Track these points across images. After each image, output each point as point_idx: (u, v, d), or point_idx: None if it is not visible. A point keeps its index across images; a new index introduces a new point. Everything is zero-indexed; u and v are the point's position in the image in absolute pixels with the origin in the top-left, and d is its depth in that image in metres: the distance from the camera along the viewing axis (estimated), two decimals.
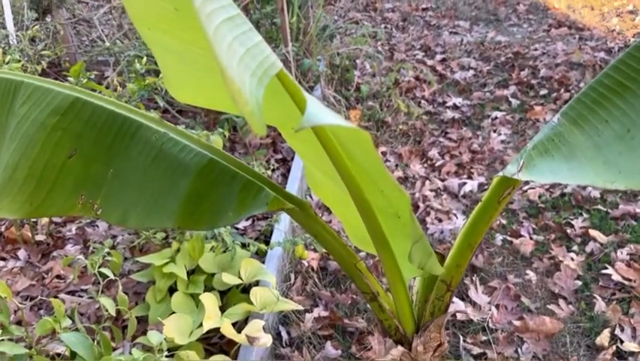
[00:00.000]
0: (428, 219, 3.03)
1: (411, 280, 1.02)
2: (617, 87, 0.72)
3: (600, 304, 2.38)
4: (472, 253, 0.92)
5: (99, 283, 1.90)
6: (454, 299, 2.43)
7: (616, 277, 2.51)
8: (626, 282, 2.48)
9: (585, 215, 2.96)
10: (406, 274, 0.94)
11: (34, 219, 3.01)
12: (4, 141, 0.95)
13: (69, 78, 2.41)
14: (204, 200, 0.91)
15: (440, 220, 3.03)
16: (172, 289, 2.33)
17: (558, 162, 0.73)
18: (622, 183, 0.65)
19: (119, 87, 2.66)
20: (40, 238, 2.95)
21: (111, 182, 0.95)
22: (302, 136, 0.82)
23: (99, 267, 1.90)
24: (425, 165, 3.56)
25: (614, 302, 2.39)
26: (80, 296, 2.60)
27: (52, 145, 0.95)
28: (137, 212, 0.92)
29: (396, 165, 3.55)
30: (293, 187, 2.92)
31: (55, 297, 2.57)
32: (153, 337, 1.60)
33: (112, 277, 1.82)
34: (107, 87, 3.26)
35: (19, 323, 2.15)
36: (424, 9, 6.60)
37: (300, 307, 2.21)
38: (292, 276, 2.59)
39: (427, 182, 3.35)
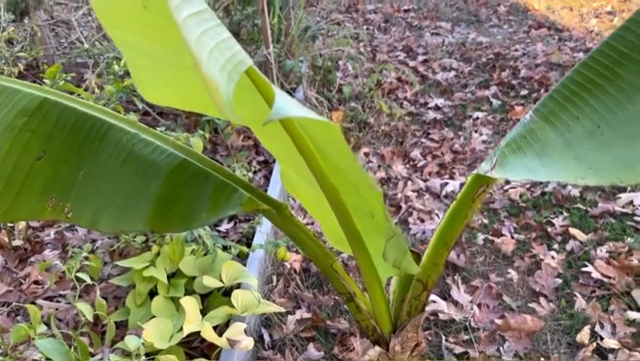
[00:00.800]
0: (410, 220, 3.04)
1: (387, 281, 1.02)
2: (588, 84, 0.72)
3: (580, 302, 2.40)
4: (448, 251, 0.91)
5: (78, 286, 1.87)
6: (436, 299, 2.44)
7: (595, 274, 2.54)
8: (605, 279, 2.51)
9: (565, 214, 2.99)
10: (382, 274, 0.93)
11: (11, 224, 2.96)
12: None
13: (46, 80, 2.37)
14: (176, 202, 0.89)
15: (422, 220, 3.04)
16: (152, 293, 2.30)
17: (530, 158, 0.73)
18: (592, 178, 0.65)
19: (97, 89, 2.62)
20: (17, 242, 2.89)
21: (81, 184, 0.93)
22: (274, 135, 0.81)
23: (77, 271, 1.87)
24: (407, 165, 3.57)
25: (594, 300, 2.41)
26: (57, 302, 2.56)
27: (20, 147, 0.93)
28: (107, 215, 0.91)
29: (379, 166, 3.55)
30: (275, 189, 2.90)
31: (33, 303, 2.53)
32: (131, 341, 1.57)
33: (89, 282, 1.79)
34: (85, 89, 3.22)
35: None
36: (405, 10, 6.64)
37: (282, 310, 2.19)
38: (274, 278, 2.57)
39: (410, 182, 3.36)
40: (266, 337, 2.31)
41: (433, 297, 2.43)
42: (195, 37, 0.53)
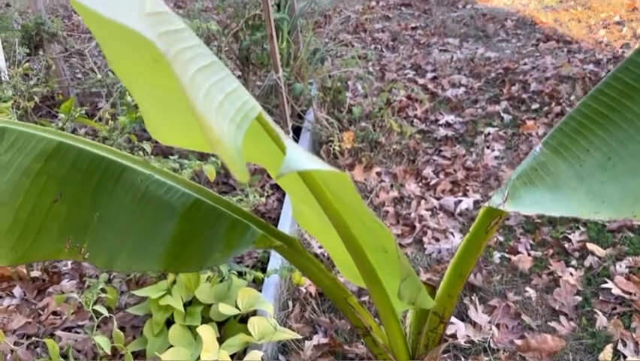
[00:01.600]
0: (425, 239, 3.02)
1: (404, 313, 1.01)
2: (597, 116, 0.72)
3: (601, 320, 2.36)
4: (463, 282, 0.91)
5: (96, 317, 1.88)
6: (454, 320, 2.41)
7: (616, 290, 2.49)
8: (626, 295, 2.46)
9: (582, 228, 2.95)
10: (398, 308, 0.93)
11: None
12: None
13: (61, 114, 2.41)
14: (191, 242, 0.90)
15: (437, 240, 3.02)
16: (169, 322, 2.31)
17: (542, 192, 0.73)
18: (605, 213, 0.65)
19: (110, 120, 2.67)
20: (35, 274, 2.92)
21: (97, 225, 0.95)
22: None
23: (94, 303, 1.88)
24: (420, 184, 3.56)
25: (616, 317, 2.37)
26: (76, 333, 2.57)
27: (38, 191, 0.95)
28: (123, 256, 0.92)
29: (392, 185, 3.55)
30: (288, 213, 2.91)
31: (52, 334, 2.54)
32: None
33: (106, 314, 1.80)
34: (99, 119, 3.27)
35: None
36: (413, 28, 6.67)
37: (299, 336, 2.19)
38: (290, 303, 2.56)
39: (423, 201, 3.35)
40: None
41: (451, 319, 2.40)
42: (204, 93, 0.54)
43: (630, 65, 0.70)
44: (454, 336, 2.36)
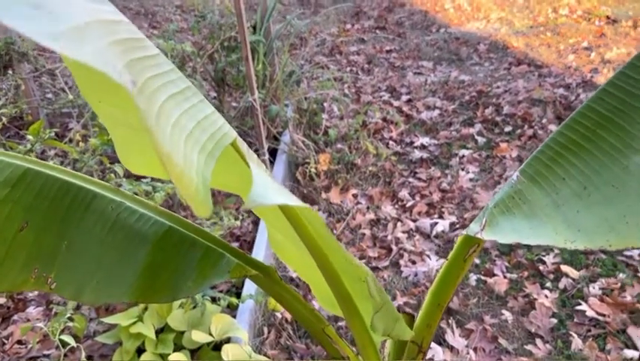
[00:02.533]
0: (402, 262, 3.01)
1: (383, 342, 0.99)
2: (572, 146, 0.72)
3: (577, 342, 2.37)
4: (442, 311, 0.90)
5: (63, 347, 1.81)
6: (432, 345, 2.39)
7: (590, 313, 2.52)
8: (600, 317, 2.49)
9: (556, 251, 2.99)
10: (376, 337, 0.91)
11: None
12: None
13: (29, 136, 2.35)
14: (163, 271, 0.87)
15: (414, 262, 3.02)
16: (140, 350, 2.24)
17: (519, 220, 0.73)
18: (581, 242, 0.65)
19: (80, 142, 2.61)
20: None
21: (65, 255, 0.91)
22: None
23: (61, 332, 1.81)
24: (396, 206, 3.57)
25: (590, 339, 2.39)
26: None
27: (2, 218, 0.91)
28: (92, 286, 0.88)
29: (368, 208, 3.55)
30: (263, 236, 2.88)
31: None
32: None
33: (73, 344, 1.73)
34: (70, 141, 3.21)
35: None
36: (387, 51, 6.77)
37: None
38: (265, 329, 2.52)
39: (399, 223, 3.35)
40: None
41: None
42: (173, 122, 0.52)
43: (604, 96, 0.71)
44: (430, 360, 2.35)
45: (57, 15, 0.43)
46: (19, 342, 2.59)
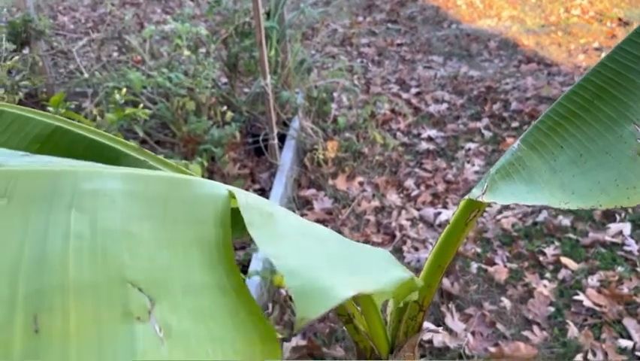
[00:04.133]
0: (405, 248, 3.07)
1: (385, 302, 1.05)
2: (570, 116, 0.77)
3: (573, 330, 2.43)
4: (442, 273, 0.95)
5: None
6: (431, 326, 2.46)
7: (587, 303, 2.57)
8: (597, 308, 2.54)
9: (557, 243, 3.04)
10: (377, 299, 0.97)
11: None
12: None
13: (49, 108, 2.42)
14: None
15: (417, 249, 3.08)
16: None
17: (518, 184, 0.78)
18: (575, 203, 0.70)
19: (97, 117, 2.68)
20: None
21: None
22: None
23: None
24: (401, 195, 3.63)
25: (586, 328, 2.44)
26: None
27: None
28: None
29: (373, 195, 3.60)
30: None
31: None
32: None
33: None
34: (85, 117, 3.27)
35: None
36: (398, 44, 6.80)
37: (279, 336, 2.21)
38: (270, 305, 2.58)
39: (404, 211, 3.41)
40: None
41: (426, 324, 2.45)
42: None
43: (601, 69, 0.76)
44: (430, 342, 2.41)
45: None
46: None
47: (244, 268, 2.70)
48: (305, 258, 0.58)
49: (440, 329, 1.06)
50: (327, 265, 0.58)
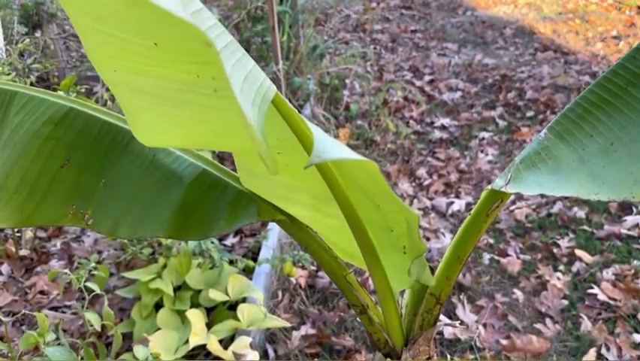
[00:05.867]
0: None
1: (400, 297, 1.03)
2: (602, 103, 0.74)
3: (586, 324, 2.39)
4: (461, 265, 0.92)
5: (83, 298, 1.87)
6: (442, 317, 2.43)
7: (602, 296, 2.53)
8: (611, 301, 2.50)
9: (571, 235, 2.99)
10: (395, 287, 0.95)
11: (18, 234, 2.98)
12: None
13: (59, 92, 2.40)
14: (196, 210, 0.91)
15: (428, 239, 3.05)
16: (158, 306, 2.31)
17: (544, 174, 0.75)
18: (605, 194, 0.67)
19: (109, 101, 2.66)
20: (24, 252, 2.91)
21: (103, 192, 0.95)
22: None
23: (85, 281, 1.88)
24: (413, 184, 3.59)
25: (600, 322, 2.41)
26: (63, 312, 2.57)
27: (46, 154, 0.95)
28: (128, 222, 0.92)
29: None
30: None
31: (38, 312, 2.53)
32: (139, 351, 1.58)
33: (98, 291, 1.80)
34: (96, 101, 3.26)
35: (1, 338, 2.11)
36: (412, 31, 6.71)
37: (288, 324, 2.20)
38: (280, 293, 2.57)
39: (415, 201, 3.38)
40: (270, 352, 2.31)
41: (448, 321, 2.43)
42: (234, 79, 0.55)
43: (636, 54, 0.72)
44: (440, 333, 2.39)
45: None
46: (42, 292, 2.68)
47: (254, 255, 2.68)
48: None
49: (457, 323, 1.03)
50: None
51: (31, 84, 3.65)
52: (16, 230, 2.93)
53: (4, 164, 0.93)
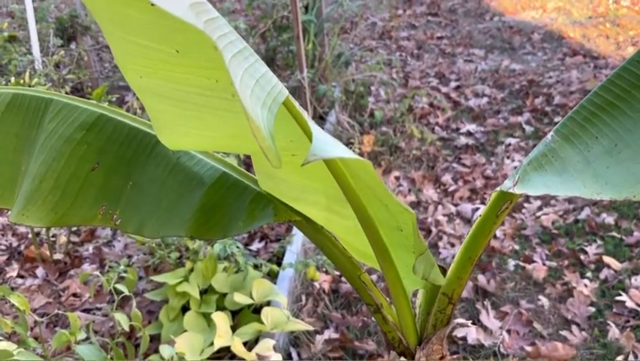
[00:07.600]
0: (440, 244, 3.04)
1: (414, 294, 1.05)
2: (607, 106, 0.76)
3: (614, 331, 2.36)
4: (472, 265, 0.94)
5: (114, 301, 1.95)
6: (460, 320, 2.43)
7: (630, 304, 2.49)
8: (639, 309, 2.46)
9: (599, 242, 2.95)
10: (408, 287, 0.97)
11: (53, 239, 3.10)
12: (33, 154, 1.02)
13: (92, 101, 2.51)
14: (216, 211, 0.95)
15: (453, 245, 3.04)
16: (185, 308, 2.37)
17: (551, 175, 0.77)
18: (607, 193, 0.69)
19: (138, 110, 2.76)
20: (58, 256, 3.02)
21: (130, 194, 1.01)
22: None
23: (115, 283, 1.95)
24: (438, 190, 3.59)
25: (628, 329, 2.37)
26: (94, 314, 2.65)
27: (77, 158, 1.01)
28: (152, 222, 0.98)
29: (409, 190, 3.58)
30: None
31: None
32: (165, 350, 1.64)
33: (127, 293, 1.86)
34: (127, 110, 3.37)
35: (35, 338, 2.20)
36: (438, 37, 6.70)
37: (311, 328, 2.23)
38: (303, 297, 2.61)
39: (440, 207, 3.37)
40: (294, 355, 2.34)
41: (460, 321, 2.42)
42: (239, 79, 0.59)
43: None
44: (464, 339, 2.38)
45: None
46: (74, 295, 2.78)
47: (278, 260, 2.73)
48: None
49: (470, 323, 1.04)
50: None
51: (66, 94, 3.79)
52: (50, 235, 3.05)
53: (39, 168, 1.00)
